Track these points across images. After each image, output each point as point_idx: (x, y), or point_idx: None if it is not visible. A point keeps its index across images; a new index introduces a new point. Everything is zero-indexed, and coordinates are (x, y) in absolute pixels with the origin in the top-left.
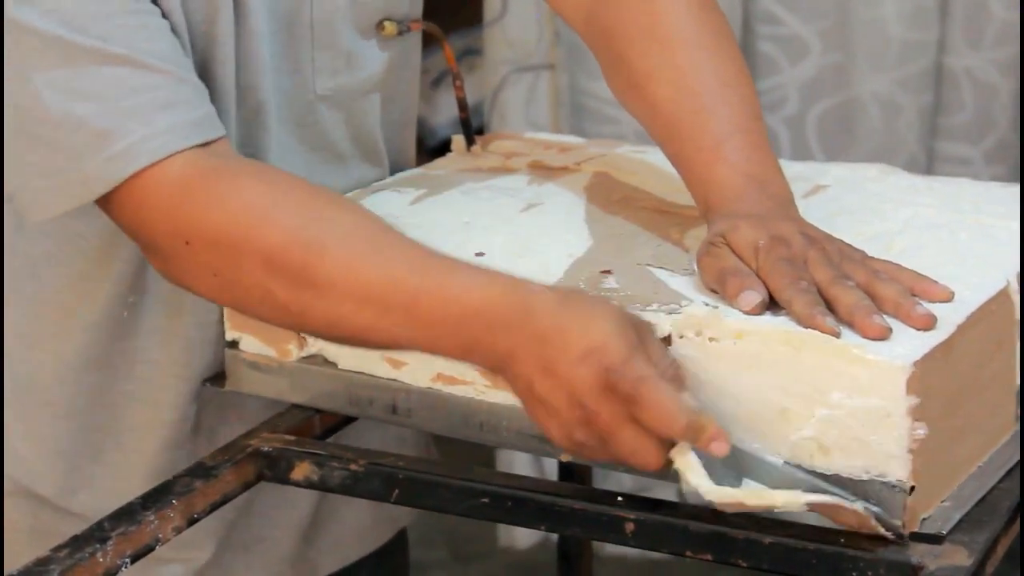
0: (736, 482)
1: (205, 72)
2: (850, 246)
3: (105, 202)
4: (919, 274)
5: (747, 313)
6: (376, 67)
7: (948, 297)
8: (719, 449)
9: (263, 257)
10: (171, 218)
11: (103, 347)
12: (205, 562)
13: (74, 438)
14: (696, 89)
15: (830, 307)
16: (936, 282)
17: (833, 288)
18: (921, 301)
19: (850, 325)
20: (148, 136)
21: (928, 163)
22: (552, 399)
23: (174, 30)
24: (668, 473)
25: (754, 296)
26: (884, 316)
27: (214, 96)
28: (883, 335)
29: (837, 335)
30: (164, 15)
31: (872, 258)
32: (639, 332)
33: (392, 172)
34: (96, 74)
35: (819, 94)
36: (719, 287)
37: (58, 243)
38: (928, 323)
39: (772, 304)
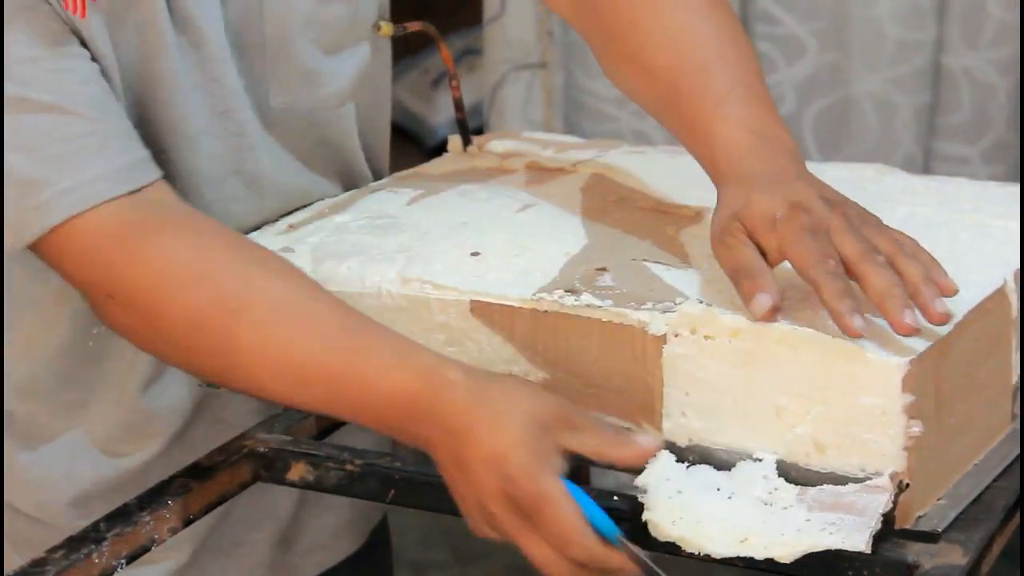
0: None
1: (145, 111)
2: (865, 210)
3: (35, 248)
4: (933, 259)
5: (759, 320)
6: (342, 83)
7: (953, 293)
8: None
9: (184, 319)
10: (94, 271)
11: (72, 367)
12: (182, 564)
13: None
14: (692, 51)
15: (858, 282)
16: (946, 274)
17: (863, 264)
18: (939, 293)
19: (879, 308)
20: (75, 186)
21: (925, 162)
22: (463, 493)
23: (105, 74)
24: None
25: (766, 301)
26: (914, 311)
27: (166, 130)
28: (912, 334)
29: (861, 337)
30: (94, 59)
31: (888, 226)
32: (554, 429)
33: (375, 178)
34: (21, 123)
35: (816, 93)
36: (734, 285)
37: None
38: (943, 320)
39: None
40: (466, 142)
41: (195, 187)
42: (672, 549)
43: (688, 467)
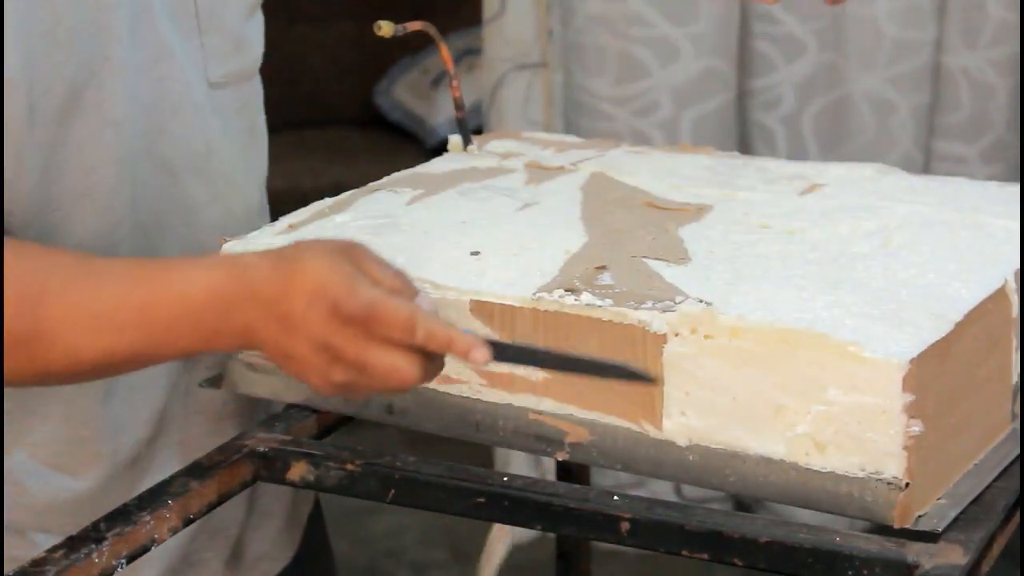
0: None
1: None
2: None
3: None
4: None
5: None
6: (257, 49)
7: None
8: (480, 356)
9: None
10: None
11: None
12: None
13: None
14: None
15: None
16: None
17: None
18: None
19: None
20: None
21: (925, 162)
22: (299, 351)
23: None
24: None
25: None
26: None
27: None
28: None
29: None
30: None
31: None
32: (354, 258)
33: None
34: None
35: (815, 93)
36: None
37: None
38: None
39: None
40: (466, 142)
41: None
42: None
43: None
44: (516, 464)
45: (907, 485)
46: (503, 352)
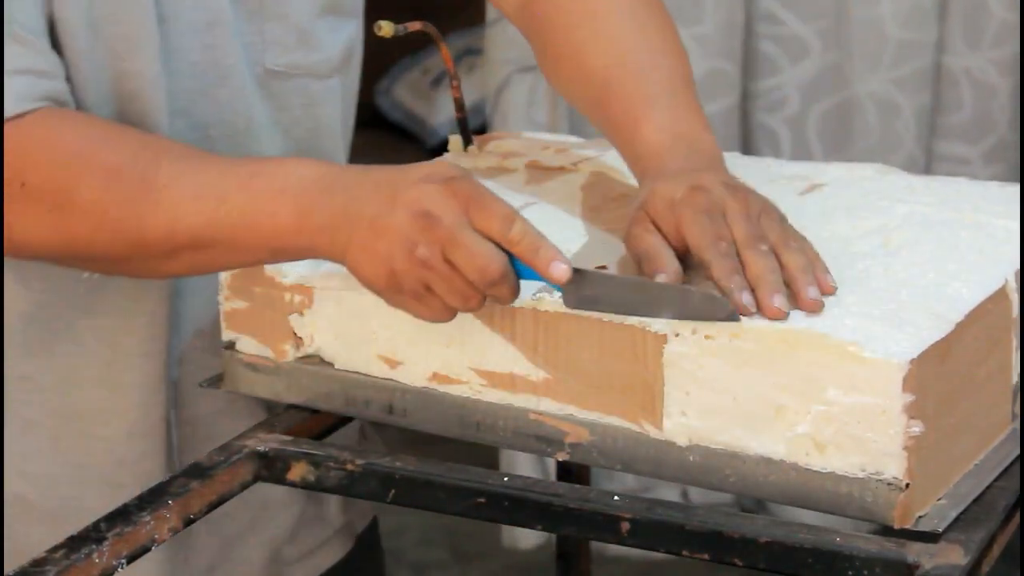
0: None
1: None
2: (770, 203)
3: None
4: (818, 256)
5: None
6: (333, 52)
7: (831, 292)
8: (561, 271)
9: (103, 174)
10: (7, 160)
11: (66, 322)
12: None
13: (34, 422)
14: (627, 57)
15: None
16: (827, 271)
17: (747, 250)
18: (815, 283)
19: (755, 290)
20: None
21: (927, 163)
22: (395, 220)
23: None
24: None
25: (662, 279)
26: (785, 297)
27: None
28: (778, 317)
29: (750, 314)
30: None
31: (787, 223)
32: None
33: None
34: None
35: (820, 94)
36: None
37: None
38: (815, 308)
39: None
40: (467, 142)
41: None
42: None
43: None
44: (521, 463)
45: (907, 485)
46: (582, 280)
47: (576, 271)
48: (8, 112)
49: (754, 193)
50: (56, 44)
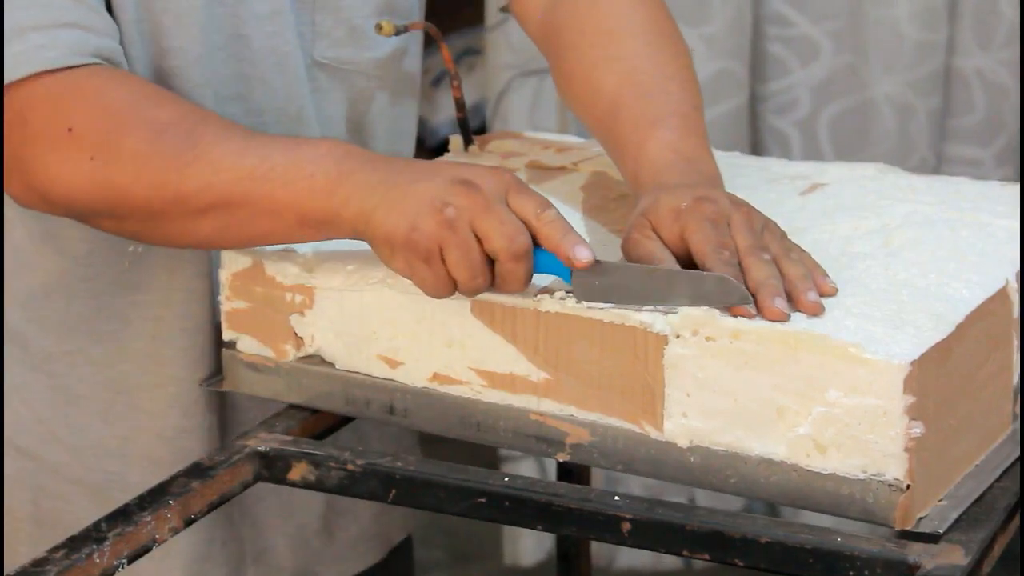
0: None
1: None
2: (771, 220)
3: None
4: (818, 266)
5: None
6: (383, 50)
7: (832, 294)
8: (583, 255)
9: (151, 128)
10: (55, 110)
11: (108, 300)
12: None
13: (82, 396)
14: (639, 78)
15: (743, 273)
16: (828, 277)
17: (749, 257)
18: (814, 288)
19: (753, 297)
20: (48, 45)
21: (937, 165)
22: (434, 182)
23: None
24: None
25: None
26: (785, 301)
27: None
28: (779, 318)
29: (751, 316)
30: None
31: (790, 240)
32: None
33: None
34: None
35: (831, 96)
36: None
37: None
38: (815, 310)
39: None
40: (467, 142)
41: None
42: None
43: None
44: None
45: (908, 487)
46: (595, 270)
47: (597, 262)
48: (58, 63)
49: (757, 212)
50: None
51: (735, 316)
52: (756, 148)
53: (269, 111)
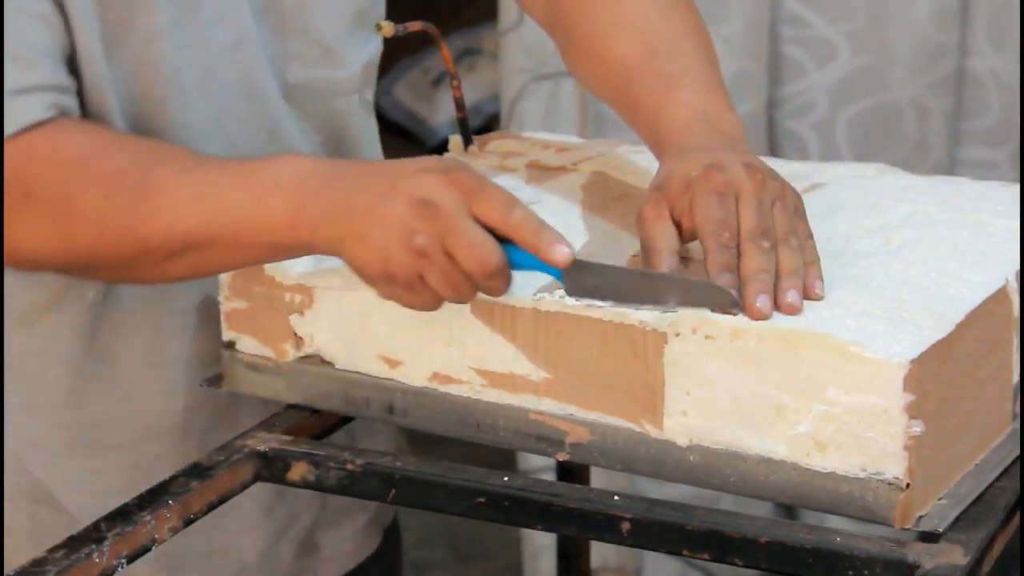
0: None
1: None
2: (789, 186)
3: None
4: (817, 262)
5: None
6: (356, 69)
7: (816, 298)
8: (562, 254)
9: (104, 181)
10: (15, 172)
11: (75, 343)
12: None
13: (57, 433)
14: (649, 40)
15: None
16: (820, 280)
17: (747, 243)
18: (799, 287)
19: (743, 286)
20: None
21: (952, 167)
22: (392, 209)
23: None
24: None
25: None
26: (770, 299)
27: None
28: (759, 317)
29: (733, 314)
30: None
31: (800, 212)
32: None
33: None
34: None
35: (849, 98)
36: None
37: None
38: (792, 312)
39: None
40: (467, 142)
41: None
42: None
43: None
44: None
45: (908, 485)
46: (583, 269)
47: (577, 261)
48: (8, 130)
49: (772, 175)
50: (73, 70)
51: (721, 314)
52: (773, 151)
53: (243, 140)
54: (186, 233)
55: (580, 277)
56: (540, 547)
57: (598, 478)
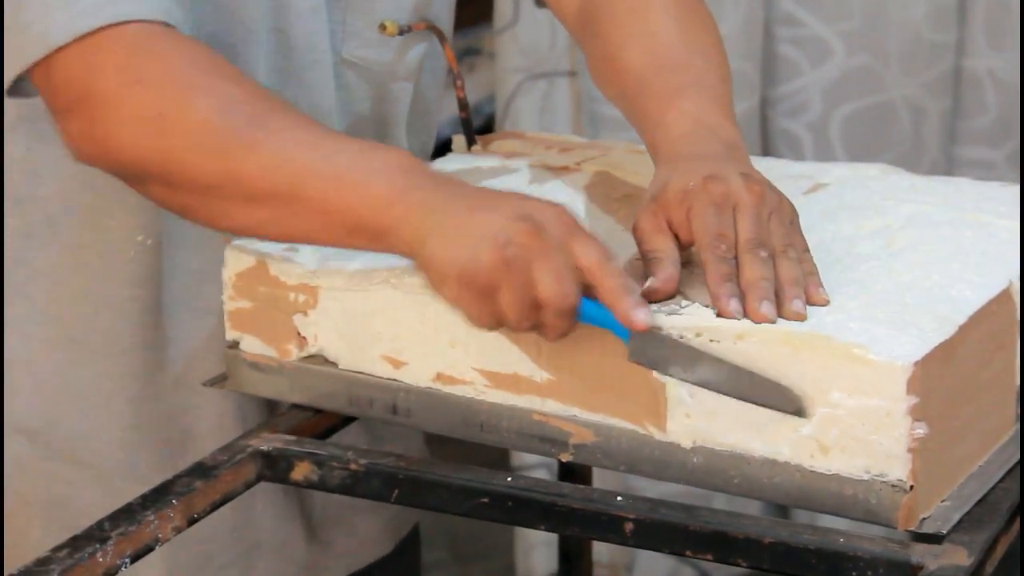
0: None
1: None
2: (786, 200)
3: (54, 59)
4: (815, 272)
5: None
6: (412, 55)
7: (823, 304)
8: (640, 319)
9: (224, 100)
10: (128, 60)
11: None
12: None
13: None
14: (665, 53)
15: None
16: (820, 286)
17: (745, 254)
18: (802, 296)
19: (744, 295)
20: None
21: (949, 168)
22: (497, 213)
23: None
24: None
25: (652, 282)
26: (772, 305)
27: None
28: (763, 321)
29: (737, 318)
30: None
31: (798, 231)
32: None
33: None
34: None
35: (844, 98)
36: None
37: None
38: (798, 319)
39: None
40: (470, 141)
41: None
42: None
43: None
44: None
45: (911, 487)
46: (653, 339)
47: (651, 330)
48: (134, 15)
49: (770, 188)
50: None
51: (723, 316)
52: (767, 151)
53: (300, 107)
54: (282, 176)
55: (648, 345)
56: (533, 543)
57: (596, 478)
